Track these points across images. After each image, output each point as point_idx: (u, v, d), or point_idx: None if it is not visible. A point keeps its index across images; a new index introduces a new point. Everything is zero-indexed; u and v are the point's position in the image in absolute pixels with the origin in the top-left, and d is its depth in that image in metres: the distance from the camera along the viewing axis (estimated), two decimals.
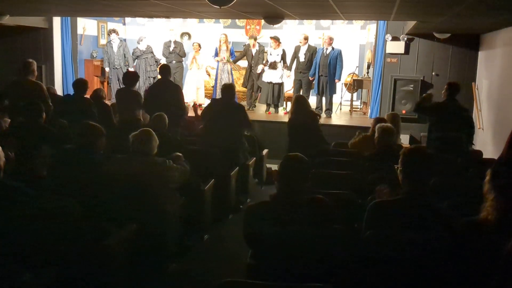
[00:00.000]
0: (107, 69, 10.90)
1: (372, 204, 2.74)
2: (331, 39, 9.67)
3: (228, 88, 6.19)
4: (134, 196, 3.72)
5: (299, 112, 6.03)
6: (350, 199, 3.74)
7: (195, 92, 10.69)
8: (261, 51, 10.34)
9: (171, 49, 10.73)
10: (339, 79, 9.69)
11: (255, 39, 10.62)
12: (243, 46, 10.85)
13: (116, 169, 3.90)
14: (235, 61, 10.71)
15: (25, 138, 4.53)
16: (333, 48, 9.57)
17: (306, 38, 9.90)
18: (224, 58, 10.41)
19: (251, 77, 10.36)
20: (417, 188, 2.68)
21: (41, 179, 3.70)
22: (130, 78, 6.89)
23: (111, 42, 10.85)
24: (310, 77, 9.77)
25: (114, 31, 10.91)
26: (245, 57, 10.54)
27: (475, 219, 2.42)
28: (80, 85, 6.71)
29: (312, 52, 9.79)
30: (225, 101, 6.13)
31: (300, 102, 6.16)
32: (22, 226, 2.71)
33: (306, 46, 9.84)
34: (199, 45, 10.82)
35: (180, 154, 4.47)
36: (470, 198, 3.41)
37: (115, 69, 10.81)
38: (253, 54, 10.27)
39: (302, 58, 9.83)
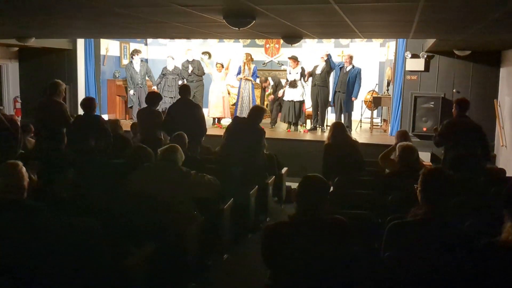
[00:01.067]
0: (131, 92, 11.12)
1: (391, 225, 2.72)
2: (351, 57, 9.74)
3: (258, 110, 6.21)
4: (155, 213, 3.77)
5: (337, 138, 5.87)
6: (369, 219, 3.71)
7: (221, 100, 10.80)
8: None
9: (189, 70, 10.91)
10: (356, 97, 9.70)
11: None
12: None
13: (141, 178, 4.01)
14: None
15: (47, 162, 4.64)
16: (353, 66, 9.62)
17: (327, 56, 9.97)
18: (246, 75, 10.51)
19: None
20: (436, 208, 2.65)
21: (62, 201, 3.77)
22: (153, 98, 6.98)
23: (133, 62, 11.10)
24: (329, 99, 9.87)
25: (137, 51, 11.17)
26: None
27: (497, 241, 2.38)
28: (89, 103, 6.54)
29: (329, 68, 9.88)
30: (250, 122, 6.11)
31: (338, 128, 5.98)
32: (44, 247, 2.76)
33: (323, 64, 9.91)
34: (222, 65, 10.95)
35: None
36: (492, 218, 3.36)
37: (138, 88, 11.04)
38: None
39: (319, 71, 9.91)
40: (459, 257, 2.50)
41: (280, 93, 10.30)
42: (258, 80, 11.07)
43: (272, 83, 11.09)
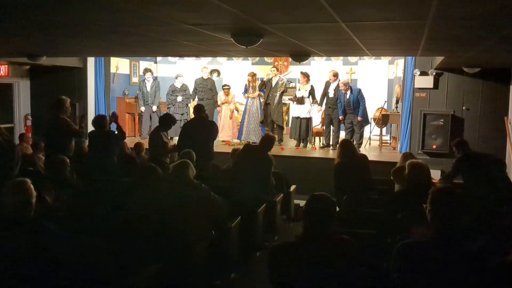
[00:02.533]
0: (142, 108, 11.23)
1: (399, 245, 2.67)
2: (345, 85, 9.65)
3: (269, 140, 6.22)
4: (161, 231, 3.76)
5: (346, 156, 5.85)
6: (378, 239, 3.67)
7: (229, 124, 10.87)
8: (281, 84, 10.45)
9: (202, 87, 10.99)
10: (361, 117, 9.65)
11: (278, 69, 10.76)
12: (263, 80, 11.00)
13: (151, 194, 4.05)
14: (259, 87, 10.77)
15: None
16: (351, 92, 9.60)
17: (335, 75, 9.97)
18: (253, 92, 10.57)
19: (268, 112, 10.46)
20: (446, 228, 2.60)
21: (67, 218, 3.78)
22: (167, 120, 7.01)
23: (145, 81, 11.23)
24: (340, 117, 9.81)
25: (149, 70, 11.32)
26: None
27: (508, 260, 2.33)
28: (101, 121, 6.70)
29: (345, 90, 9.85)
30: (260, 151, 6.09)
31: (346, 146, 5.96)
32: (50, 265, 2.76)
33: (336, 83, 9.90)
34: (229, 88, 11.07)
35: None
36: (504, 236, 3.31)
37: (148, 106, 11.17)
38: (272, 86, 10.39)
39: (331, 93, 9.89)
40: (470, 277, 2.45)
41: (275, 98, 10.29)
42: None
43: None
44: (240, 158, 6.11)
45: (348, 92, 9.58)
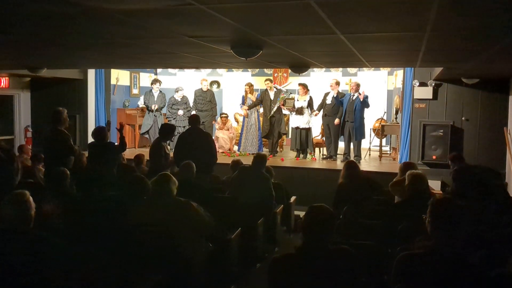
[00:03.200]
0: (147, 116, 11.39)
1: (400, 257, 2.67)
2: (357, 85, 9.73)
3: (260, 158, 6.23)
4: (158, 243, 3.74)
5: (350, 178, 5.69)
6: (378, 250, 3.66)
7: (228, 139, 10.93)
8: (279, 92, 10.50)
9: (202, 99, 11.05)
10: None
11: (271, 81, 10.85)
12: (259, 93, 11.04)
13: (140, 213, 3.97)
14: (249, 107, 10.77)
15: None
16: (359, 94, 9.60)
17: (337, 83, 9.99)
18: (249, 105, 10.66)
19: (271, 124, 10.47)
20: (446, 239, 2.60)
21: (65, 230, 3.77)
22: (167, 131, 7.01)
23: (153, 91, 11.37)
24: (336, 120, 9.80)
25: (158, 81, 11.50)
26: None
27: (509, 272, 2.33)
28: (101, 132, 6.71)
29: (340, 97, 9.87)
30: (255, 170, 6.10)
31: (351, 168, 5.80)
32: (49, 277, 2.75)
33: (335, 91, 9.92)
34: (227, 117, 11.33)
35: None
36: (504, 247, 3.29)
37: (153, 114, 11.31)
38: (272, 98, 10.42)
39: (329, 100, 9.92)
40: None
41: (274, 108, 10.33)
42: (261, 110, 11.13)
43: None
44: (237, 181, 6.10)
45: (356, 94, 9.59)
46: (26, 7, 3.12)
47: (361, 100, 9.53)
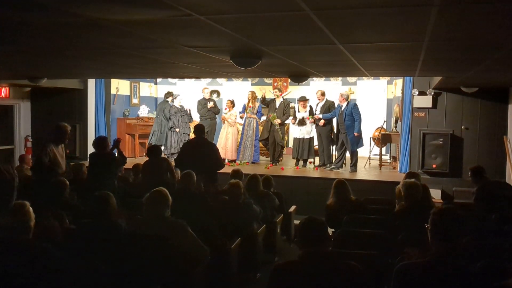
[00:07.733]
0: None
1: (399, 266, 2.66)
2: (342, 95, 9.72)
3: (253, 180, 6.18)
4: (157, 253, 3.72)
5: (339, 199, 5.62)
6: (379, 260, 3.64)
7: (231, 144, 10.92)
8: (286, 105, 10.53)
9: (208, 106, 11.04)
10: (358, 133, 9.49)
11: (280, 90, 10.87)
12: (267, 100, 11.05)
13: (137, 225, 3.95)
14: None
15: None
16: (347, 103, 9.62)
17: (323, 94, 10.11)
18: (250, 114, 10.67)
19: (271, 131, 10.49)
20: (447, 249, 2.59)
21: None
22: (155, 151, 7.06)
23: (175, 103, 11.24)
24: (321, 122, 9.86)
25: (171, 94, 11.40)
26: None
27: (510, 282, 2.32)
28: (101, 142, 6.62)
29: (328, 105, 9.93)
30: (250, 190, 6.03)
31: (340, 188, 5.67)
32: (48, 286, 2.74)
33: (323, 102, 10.00)
34: (232, 102, 11.15)
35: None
36: (505, 257, 3.28)
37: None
38: (277, 107, 10.47)
39: (318, 112, 9.99)
40: None
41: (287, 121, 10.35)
42: (262, 118, 11.15)
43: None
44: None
45: (344, 104, 9.61)
46: (30, 18, 3.14)
47: (341, 105, 9.60)
